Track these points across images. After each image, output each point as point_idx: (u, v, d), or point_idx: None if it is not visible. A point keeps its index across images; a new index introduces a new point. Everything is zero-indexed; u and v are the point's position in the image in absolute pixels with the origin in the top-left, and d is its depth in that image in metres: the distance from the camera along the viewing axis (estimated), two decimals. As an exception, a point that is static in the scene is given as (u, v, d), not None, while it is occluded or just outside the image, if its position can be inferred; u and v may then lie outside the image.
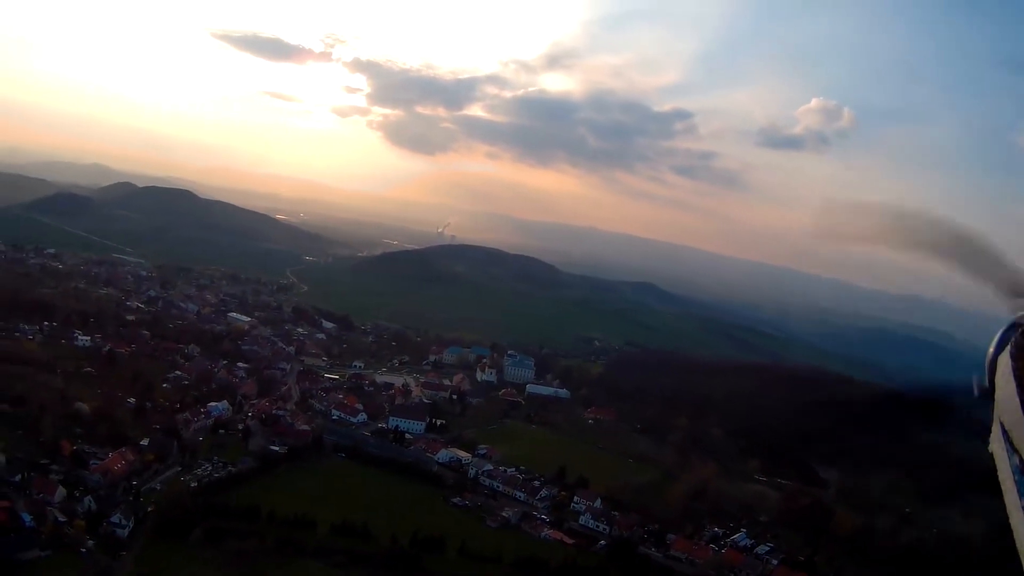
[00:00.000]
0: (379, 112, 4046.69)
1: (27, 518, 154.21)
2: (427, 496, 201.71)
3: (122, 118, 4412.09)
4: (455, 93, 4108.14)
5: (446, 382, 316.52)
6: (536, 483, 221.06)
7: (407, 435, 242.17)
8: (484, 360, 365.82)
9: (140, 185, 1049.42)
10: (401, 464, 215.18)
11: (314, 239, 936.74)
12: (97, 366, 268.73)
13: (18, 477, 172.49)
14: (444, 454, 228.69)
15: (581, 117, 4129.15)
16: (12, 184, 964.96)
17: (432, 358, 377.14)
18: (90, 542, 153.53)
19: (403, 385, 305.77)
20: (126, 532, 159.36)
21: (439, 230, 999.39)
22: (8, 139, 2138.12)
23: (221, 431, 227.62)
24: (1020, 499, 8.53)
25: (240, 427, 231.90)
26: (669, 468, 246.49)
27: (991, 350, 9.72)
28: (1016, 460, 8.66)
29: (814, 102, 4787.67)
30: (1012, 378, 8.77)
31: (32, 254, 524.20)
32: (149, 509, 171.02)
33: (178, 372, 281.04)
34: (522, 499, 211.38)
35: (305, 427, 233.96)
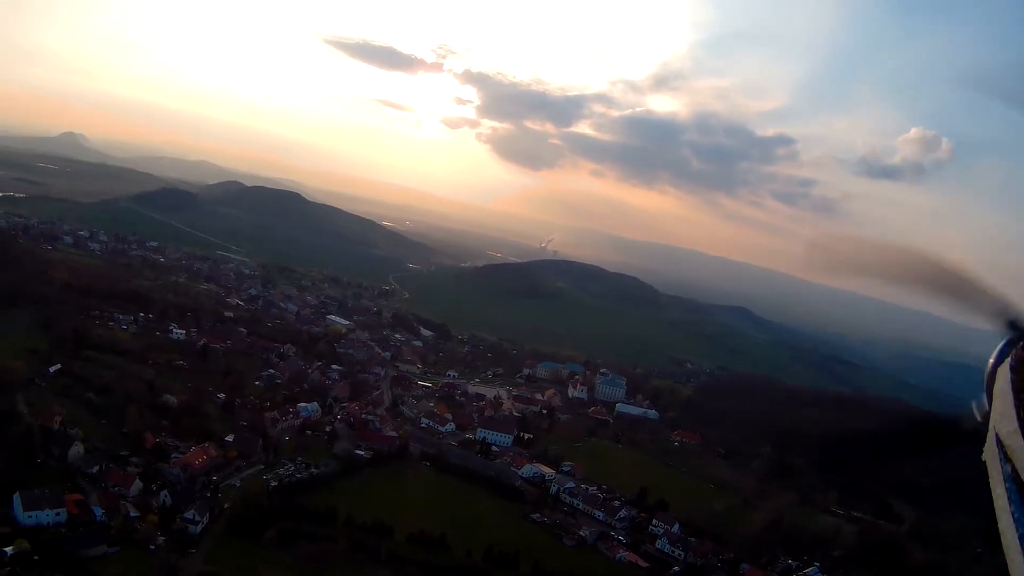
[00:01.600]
0: (488, 125, 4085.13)
1: (99, 512, 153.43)
2: (507, 510, 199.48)
3: (234, 118, 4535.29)
4: (564, 109, 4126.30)
5: (537, 396, 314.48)
6: (616, 503, 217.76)
7: (494, 448, 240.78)
8: (577, 377, 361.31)
9: (248, 184, 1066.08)
10: (485, 477, 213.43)
11: (418, 247, 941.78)
12: (190, 360, 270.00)
13: (96, 468, 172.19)
14: (528, 469, 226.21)
15: (686, 139, 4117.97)
16: (119, 177, 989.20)
17: (526, 372, 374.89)
18: (161, 538, 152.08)
19: (495, 397, 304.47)
20: (199, 529, 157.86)
21: (542, 245, 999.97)
22: (117, 133, 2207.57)
23: (308, 432, 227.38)
24: (1010, 505, 8.87)
25: (327, 429, 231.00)
26: (748, 496, 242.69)
27: (991, 361, 10.12)
28: (1008, 468, 9.01)
29: (913, 131, 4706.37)
30: (1010, 390, 9.18)
31: (134, 246, 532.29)
32: (225, 506, 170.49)
33: (272, 371, 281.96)
34: (601, 518, 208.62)
35: (392, 433, 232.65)
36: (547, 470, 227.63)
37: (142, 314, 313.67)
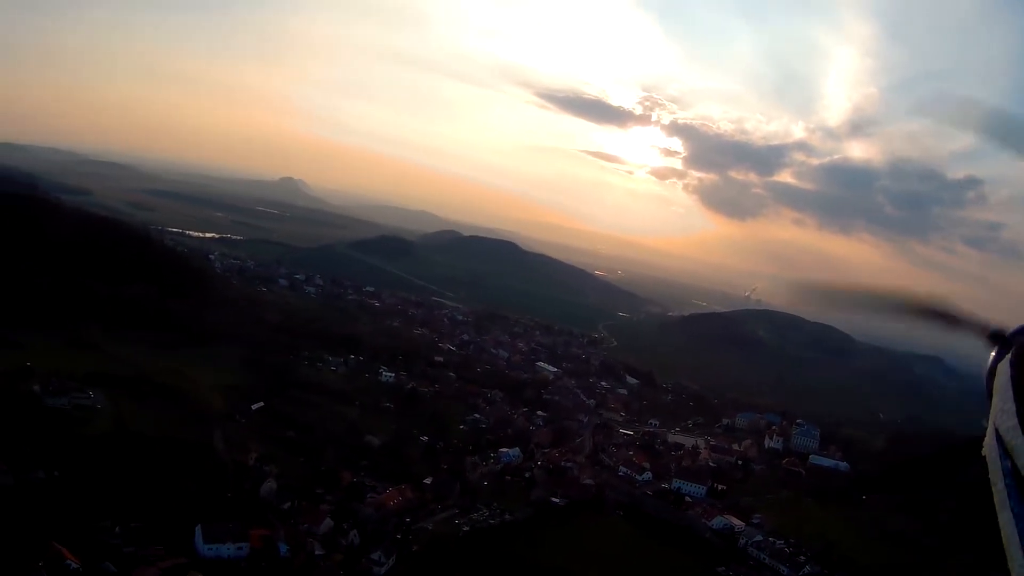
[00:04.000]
0: (695, 175, 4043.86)
1: (283, 548, 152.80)
2: (694, 562, 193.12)
3: (454, 170, 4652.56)
4: (766, 159, 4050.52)
5: (734, 447, 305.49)
6: (801, 558, 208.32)
7: (687, 498, 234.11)
8: (773, 427, 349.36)
9: (465, 234, 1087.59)
10: (676, 527, 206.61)
11: (628, 296, 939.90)
12: (397, 402, 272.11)
13: (287, 505, 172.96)
14: (719, 520, 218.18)
15: (880, 185, 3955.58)
16: (338, 223, 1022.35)
17: (725, 421, 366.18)
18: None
19: (692, 447, 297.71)
20: (383, 571, 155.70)
21: (746, 294, 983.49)
22: (337, 181, 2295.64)
23: (508, 477, 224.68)
24: (1009, 500, 8.74)
25: (526, 475, 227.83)
26: (931, 552, 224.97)
27: (991, 358, 10.18)
28: (1008, 464, 8.88)
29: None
30: (1010, 385, 9.14)
31: (350, 290, 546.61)
32: (413, 549, 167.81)
33: (477, 415, 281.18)
34: (785, 574, 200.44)
35: (589, 481, 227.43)
36: (737, 522, 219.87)
37: (353, 356, 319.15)
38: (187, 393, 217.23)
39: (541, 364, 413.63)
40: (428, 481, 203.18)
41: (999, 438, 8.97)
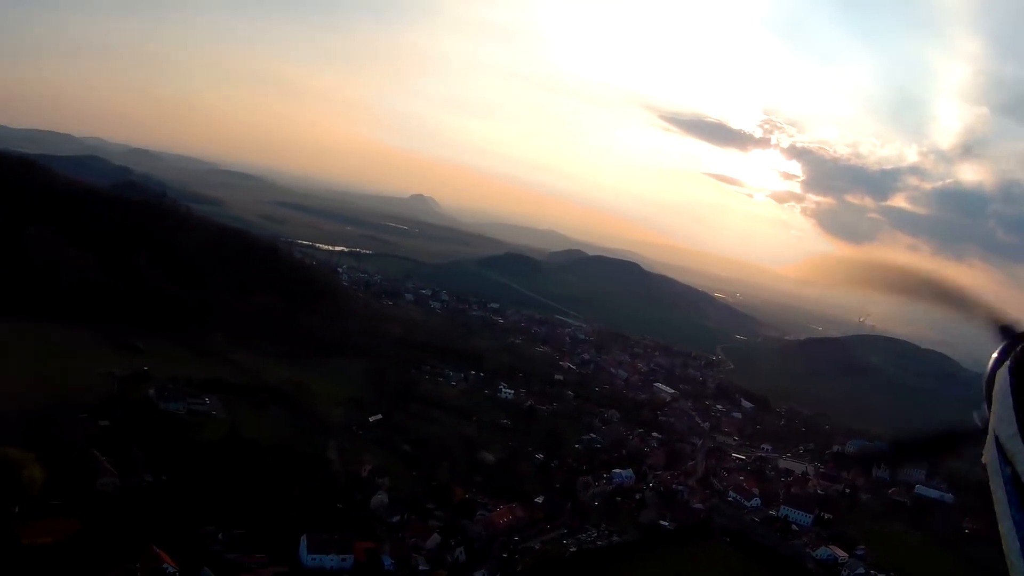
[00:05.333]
0: (813, 199, 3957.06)
1: (388, 562, 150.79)
2: None
3: (581, 191, 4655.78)
4: (881, 183, 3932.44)
5: (843, 474, 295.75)
6: None
7: (794, 526, 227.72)
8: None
9: (590, 253, 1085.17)
10: (780, 556, 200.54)
11: (746, 319, 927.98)
12: (514, 419, 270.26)
13: (396, 518, 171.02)
14: (823, 551, 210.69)
15: (991, 210, 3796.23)
16: (466, 241, 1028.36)
17: (835, 448, 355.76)
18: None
19: (802, 473, 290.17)
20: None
21: (860, 320, 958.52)
22: (468, 200, 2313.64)
23: (618, 498, 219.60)
24: (1010, 508, 8.65)
25: (637, 497, 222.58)
26: None
27: (990, 363, 9.86)
28: (1008, 471, 8.76)
29: None
30: (1009, 392, 8.94)
31: (475, 307, 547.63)
32: (519, 569, 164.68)
33: (593, 435, 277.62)
34: None
35: (699, 505, 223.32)
36: (840, 553, 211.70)
37: (474, 372, 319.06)
38: (306, 403, 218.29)
39: (659, 385, 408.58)
40: (539, 500, 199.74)
41: (999, 446, 8.76)
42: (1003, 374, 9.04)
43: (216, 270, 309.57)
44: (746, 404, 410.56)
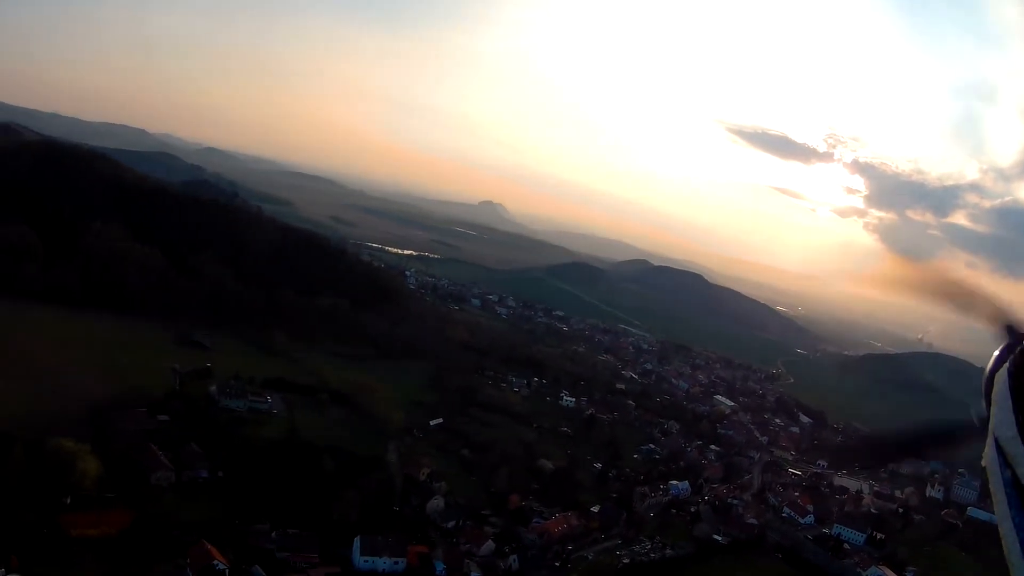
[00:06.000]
0: (875, 215, 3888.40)
1: (440, 566, 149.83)
2: None
3: (646, 201, 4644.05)
4: (941, 200, 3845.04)
5: (897, 494, 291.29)
6: None
7: (846, 545, 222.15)
8: (936, 475, 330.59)
9: (655, 264, 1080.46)
10: None
11: (806, 333, 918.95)
12: (574, 428, 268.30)
13: (451, 523, 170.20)
14: (873, 571, 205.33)
15: None
16: (533, 248, 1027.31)
17: (891, 467, 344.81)
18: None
19: (856, 491, 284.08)
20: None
21: (919, 337, 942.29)
22: (536, 207, 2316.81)
23: (673, 511, 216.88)
24: (1010, 510, 8.77)
25: (692, 510, 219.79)
26: None
27: (989, 366, 9.94)
28: (1008, 474, 8.87)
29: None
30: (1008, 394, 9.02)
31: (540, 313, 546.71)
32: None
33: (652, 445, 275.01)
34: None
35: (753, 520, 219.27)
36: (890, 574, 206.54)
37: (536, 379, 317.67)
38: (367, 405, 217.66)
39: (719, 397, 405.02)
40: (595, 509, 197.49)
41: (999, 448, 8.83)
42: (1002, 375, 9.10)
43: (283, 270, 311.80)
44: (804, 419, 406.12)
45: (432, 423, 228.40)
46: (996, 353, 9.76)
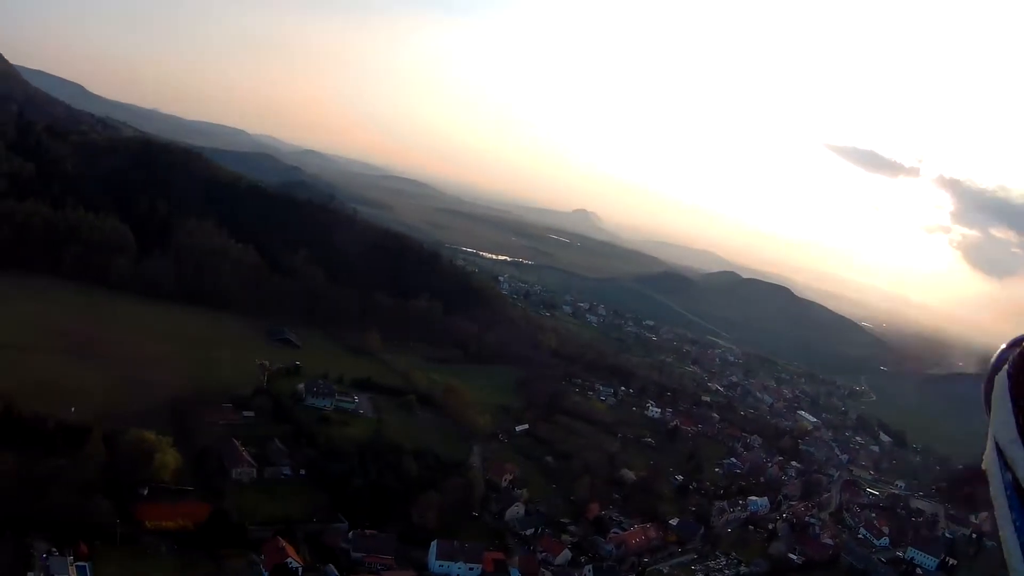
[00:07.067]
0: (960, 232, 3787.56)
1: (515, 574, 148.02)
2: None
3: (735, 213, 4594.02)
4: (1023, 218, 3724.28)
5: (971, 519, 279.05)
6: None
7: (918, 569, 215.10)
8: None
9: (744, 276, 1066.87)
10: None
11: (891, 349, 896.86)
12: (658, 439, 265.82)
13: (530, 531, 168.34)
14: None
15: None
16: (625, 257, 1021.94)
17: (967, 490, 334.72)
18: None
19: (932, 514, 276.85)
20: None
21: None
22: (628, 217, 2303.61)
23: (751, 527, 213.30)
24: (1011, 513, 8.10)
25: (770, 527, 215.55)
26: None
27: (989, 369, 8.86)
28: (1008, 477, 8.22)
29: None
30: (1008, 397, 8.31)
31: (630, 322, 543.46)
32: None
33: (733, 459, 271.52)
34: None
35: (829, 541, 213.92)
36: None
37: (623, 388, 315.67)
38: (454, 409, 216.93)
39: (802, 413, 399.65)
40: (674, 522, 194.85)
41: (999, 451, 8.19)
42: (1002, 378, 8.32)
43: (376, 272, 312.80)
44: (884, 438, 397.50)
45: (518, 429, 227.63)
46: (996, 355, 8.89)
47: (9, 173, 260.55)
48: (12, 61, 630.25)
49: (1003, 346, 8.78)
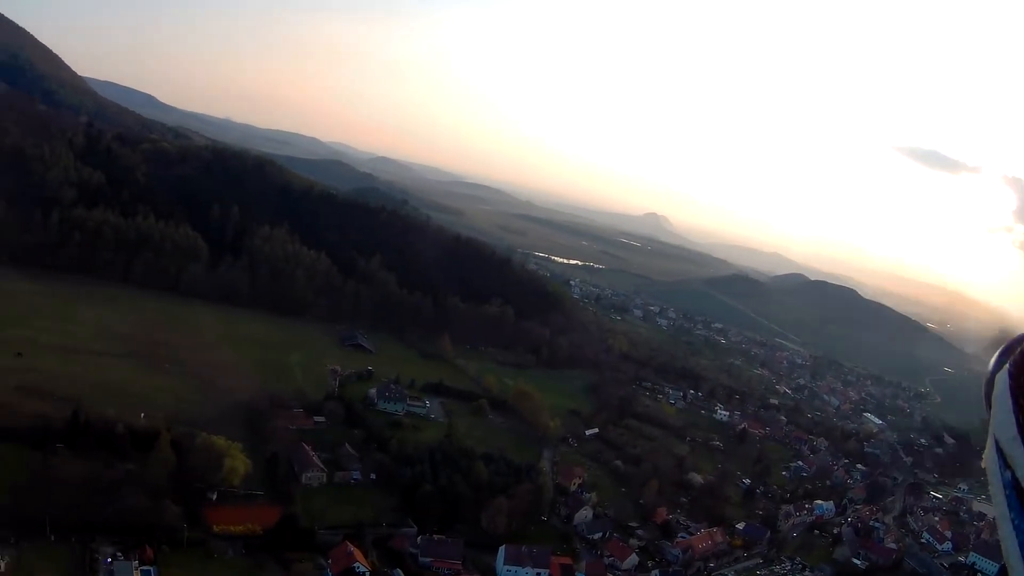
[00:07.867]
0: (1022, 230, 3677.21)
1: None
2: None
3: (801, 213, 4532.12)
4: None
5: None
6: None
7: (979, 575, 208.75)
8: None
9: (811, 278, 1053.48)
10: None
11: (955, 351, 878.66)
12: (726, 442, 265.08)
13: (598, 535, 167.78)
14: None
15: None
16: (695, 260, 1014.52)
17: None
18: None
19: (994, 518, 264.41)
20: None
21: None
22: (698, 221, 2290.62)
23: (816, 531, 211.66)
24: (1010, 511, 7.95)
25: (835, 531, 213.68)
26: None
27: (990, 368, 8.72)
28: (1008, 475, 8.04)
29: None
30: (1008, 396, 8.16)
31: (700, 325, 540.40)
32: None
33: (800, 462, 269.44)
34: None
35: (893, 545, 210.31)
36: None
37: (692, 391, 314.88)
38: (525, 413, 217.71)
39: (868, 415, 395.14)
40: (740, 526, 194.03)
41: (999, 449, 8.01)
42: (1003, 377, 8.46)
43: (449, 277, 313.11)
44: (948, 440, 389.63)
45: (588, 433, 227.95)
46: (996, 354, 8.97)
47: (78, 182, 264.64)
48: (81, 72, 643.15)
49: (1004, 346, 9.01)
